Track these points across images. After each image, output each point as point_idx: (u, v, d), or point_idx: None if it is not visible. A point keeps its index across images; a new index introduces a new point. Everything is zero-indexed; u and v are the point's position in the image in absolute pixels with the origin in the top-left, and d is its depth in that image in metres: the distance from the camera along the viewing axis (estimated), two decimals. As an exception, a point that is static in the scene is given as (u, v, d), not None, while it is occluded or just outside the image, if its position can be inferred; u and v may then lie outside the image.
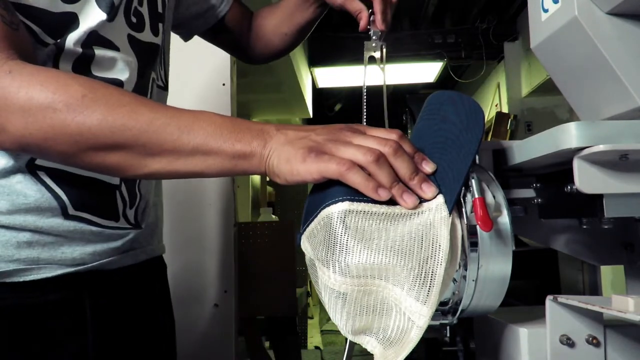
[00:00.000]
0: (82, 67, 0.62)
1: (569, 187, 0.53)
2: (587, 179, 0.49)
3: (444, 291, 0.48)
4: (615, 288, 2.13)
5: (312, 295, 4.69)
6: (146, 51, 0.71)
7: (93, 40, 0.63)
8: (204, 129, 0.52)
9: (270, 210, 3.00)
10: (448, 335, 0.56)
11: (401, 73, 4.45)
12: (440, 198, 0.49)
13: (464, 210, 0.49)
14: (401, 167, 0.49)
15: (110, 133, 0.51)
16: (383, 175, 0.48)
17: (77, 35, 0.61)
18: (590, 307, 0.49)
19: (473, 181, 0.49)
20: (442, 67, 4.30)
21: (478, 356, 0.66)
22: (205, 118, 0.53)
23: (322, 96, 5.11)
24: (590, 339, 0.54)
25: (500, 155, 0.63)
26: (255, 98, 3.81)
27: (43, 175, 0.60)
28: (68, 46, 0.61)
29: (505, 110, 4.12)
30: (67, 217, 0.62)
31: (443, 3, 3.77)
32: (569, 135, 0.48)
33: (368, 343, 0.48)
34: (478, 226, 0.48)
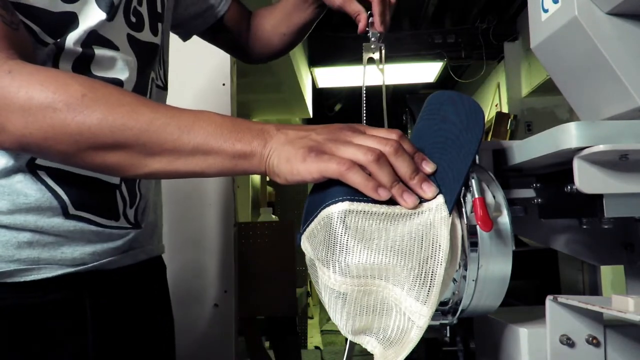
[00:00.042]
0: (82, 67, 0.62)
1: (569, 187, 0.53)
2: (587, 179, 0.49)
3: (444, 291, 0.48)
4: (615, 288, 2.13)
5: (312, 295, 4.69)
6: (145, 51, 0.71)
7: (93, 39, 0.63)
8: (204, 129, 0.52)
9: (270, 210, 3.01)
10: (448, 335, 0.56)
11: (401, 73, 4.44)
12: (440, 198, 0.49)
13: (464, 210, 0.49)
14: (401, 167, 0.49)
15: (110, 132, 0.51)
16: (383, 174, 0.48)
17: (77, 34, 0.61)
18: (590, 307, 0.49)
19: (473, 181, 0.49)
20: (442, 67, 4.30)
21: (478, 356, 0.66)
22: (205, 118, 0.53)
23: (322, 96, 5.10)
24: (590, 339, 0.54)
25: (500, 155, 0.62)
26: (255, 98, 3.81)
27: (43, 174, 0.60)
28: (68, 46, 0.61)
29: (505, 110, 4.12)
30: (68, 217, 0.62)
31: (443, 3, 3.77)
32: (569, 135, 0.48)
33: (368, 343, 0.48)
34: (478, 226, 0.48)
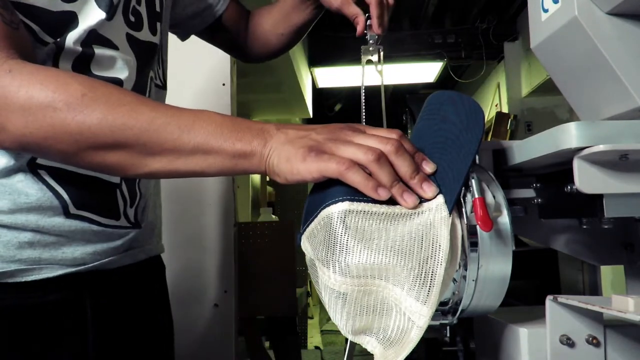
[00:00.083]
0: (82, 66, 0.62)
1: (569, 187, 0.53)
2: (587, 179, 0.49)
3: (444, 291, 0.48)
4: (615, 288, 2.13)
5: (312, 295, 4.69)
6: (145, 50, 0.71)
7: (92, 39, 0.63)
8: (205, 128, 0.52)
9: (270, 210, 3.01)
10: (448, 335, 0.56)
11: (401, 73, 4.44)
12: (440, 198, 0.49)
13: (464, 210, 0.49)
14: (402, 166, 0.49)
15: (110, 132, 0.51)
16: (383, 174, 0.48)
17: (77, 34, 0.61)
18: (590, 307, 0.48)
19: (473, 181, 0.49)
20: (442, 67, 4.30)
21: (478, 356, 0.66)
22: (205, 117, 0.53)
23: (322, 96, 5.10)
24: (590, 339, 0.54)
25: (500, 155, 0.62)
26: (255, 98, 3.81)
27: (44, 174, 0.60)
28: (68, 45, 0.61)
29: (505, 110, 4.12)
30: (69, 216, 0.62)
31: (443, 3, 3.76)
32: (569, 135, 0.48)
33: (368, 343, 0.48)
34: (478, 226, 0.48)
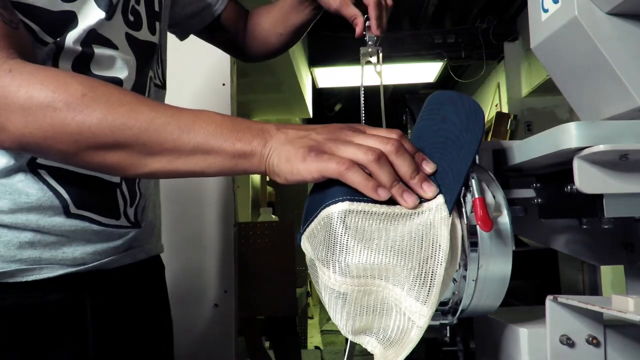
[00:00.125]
0: (82, 66, 0.62)
1: (569, 187, 0.53)
2: (587, 179, 0.49)
3: (444, 291, 0.48)
4: (615, 288, 2.13)
5: (312, 295, 4.69)
6: (144, 50, 0.71)
7: (92, 38, 0.63)
8: (205, 128, 0.52)
9: (270, 210, 3.01)
10: (448, 335, 0.56)
11: (401, 73, 4.44)
12: (440, 198, 0.49)
13: (464, 210, 0.49)
14: (402, 166, 0.49)
15: (110, 132, 0.51)
16: (383, 174, 0.48)
17: (77, 33, 0.61)
18: (590, 307, 0.48)
19: (473, 181, 0.49)
20: (442, 67, 4.30)
21: (478, 356, 0.66)
22: (205, 117, 0.53)
23: (322, 96, 5.10)
24: (590, 339, 0.54)
25: (500, 155, 0.62)
26: (255, 98, 3.81)
27: (44, 173, 0.60)
28: (67, 45, 0.61)
29: (505, 110, 4.12)
30: (69, 216, 0.62)
31: (443, 3, 3.76)
32: (569, 135, 0.48)
33: (368, 343, 0.48)
34: (478, 226, 0.48)
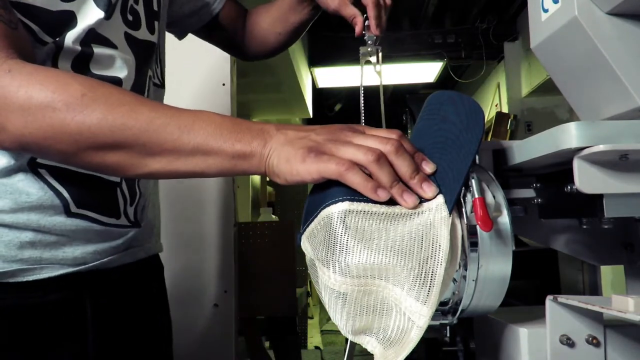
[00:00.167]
0: (81, 66, 0.62)
1: (569, 187, 0.53)
2: (587, 179, 0.49)
3: (444, 291, 0.48)
4: (615, 288, 2.13)
5: (312, 295, 4.69)
6: (143, 49, 0.71)
7: (91, 38, 0.63)
8: (204, 129, 0.52)
9: (270, 210, 3.01)
10: (448, 335, 0.56)
11: (401, 73, 4.44)
12: (440, 198, 0.49)
13: (464, 210, 0.49)
14: (402, 166, 0.49)
15: (110, 132, 0.51)
16: (383, 174, 0.48)
17: (76, 33, 0.61)
18: (590, 307, 0.48)
19: (473, 181, 0.49)
20: (442, 67, 4.30)
21: (478, 356, 0.66)
22: (205, 118, 0.53)
23: (322, 96, 5.10)
24: (590, 339, 0.54)
25: (500, 155, 0.62)
26: (255, 98, 3.81)
27: (45, 173, 0.60)
28: (67, 44, 0.61)
29: (505, 110, 4.12)
30: (70, 215, 0.62)
31: (443, 3, 3.76)
32: (569, 135, 0.48)
33: (368, 343, 0.48)
34: (478, 226, 0.48)
